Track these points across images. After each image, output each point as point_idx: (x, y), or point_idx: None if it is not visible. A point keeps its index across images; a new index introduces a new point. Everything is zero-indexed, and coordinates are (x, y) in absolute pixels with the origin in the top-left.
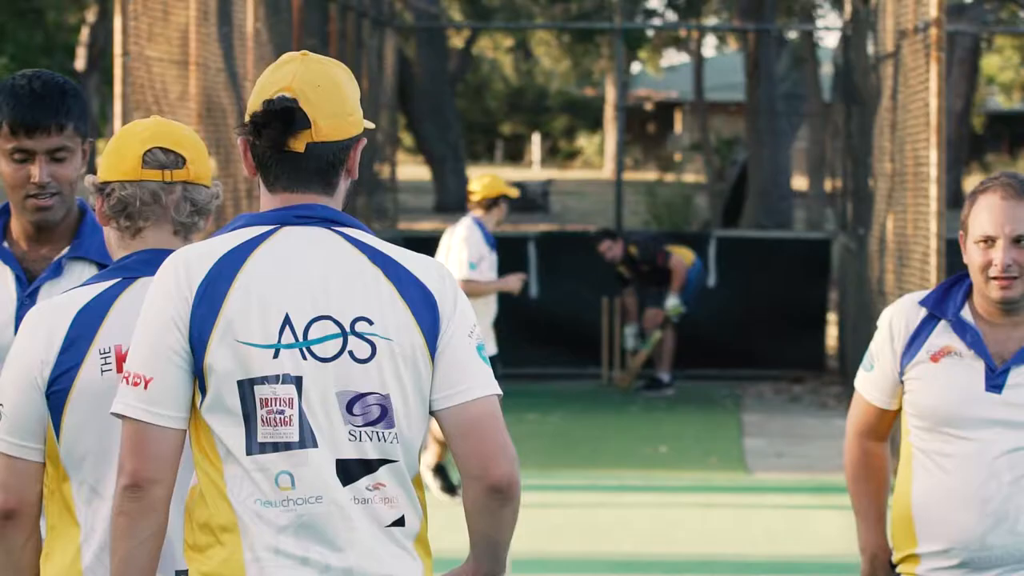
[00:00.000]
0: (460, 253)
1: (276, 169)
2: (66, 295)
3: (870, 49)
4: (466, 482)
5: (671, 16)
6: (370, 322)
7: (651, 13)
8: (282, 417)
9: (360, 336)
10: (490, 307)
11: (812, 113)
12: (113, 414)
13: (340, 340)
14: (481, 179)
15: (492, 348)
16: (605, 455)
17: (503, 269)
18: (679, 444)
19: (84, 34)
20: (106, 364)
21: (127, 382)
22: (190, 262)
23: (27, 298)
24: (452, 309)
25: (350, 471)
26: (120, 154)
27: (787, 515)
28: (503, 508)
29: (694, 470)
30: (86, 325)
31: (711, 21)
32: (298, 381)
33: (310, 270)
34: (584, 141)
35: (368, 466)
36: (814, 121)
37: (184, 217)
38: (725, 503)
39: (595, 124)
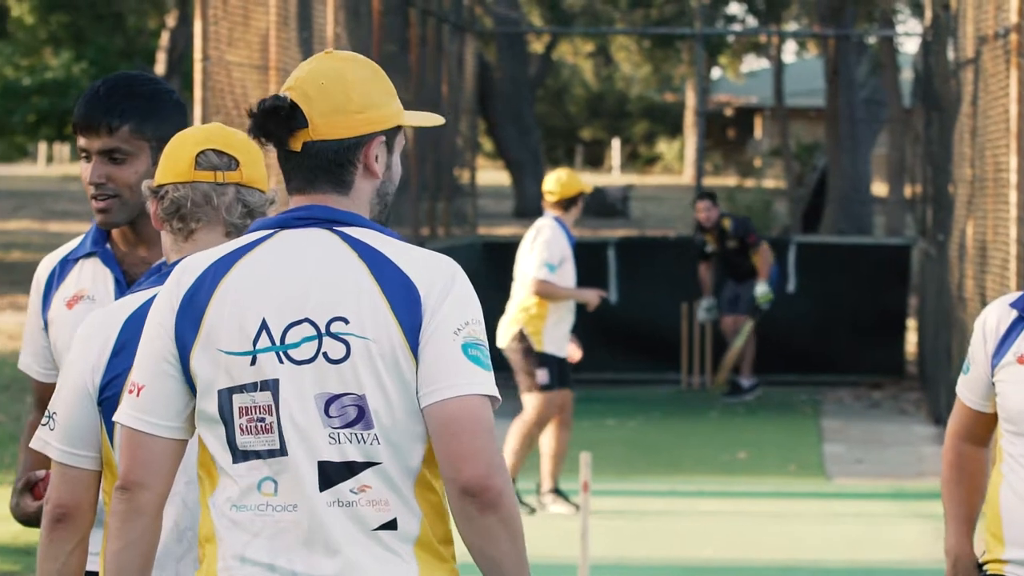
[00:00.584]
0: (540, 254)
1: (286, 170)
2: (119, 302)
3: (950, 55)
4: (446, 490)
5: (751, 22)
6: (346, 321)
7: (731, 19)
8: (263, 424)
9: (335, 336)
10: (569, 313)
11: (892, 119)
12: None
13: (316, 342)
14: (558, 178)
15: (576, 355)
16: (684, 461)
17: (582, 275)
18: (758, 450)
19: (164, 39)
20: None
21: (127, 389)
22: (185, 269)
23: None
24: (438, 304)
25: (331, 474)
26: (174, 157)
27: (866, 521)
28: (484, 516)
29: (773, 476)
30: (135, 330)
31: (791, 27)
32: (275, 386)
33: (295, 273)
34: (664, 146)
35: (351, 468)
36: (894, 127)
37: (236, 218)
38: (804, 509)
39: (675, 129)
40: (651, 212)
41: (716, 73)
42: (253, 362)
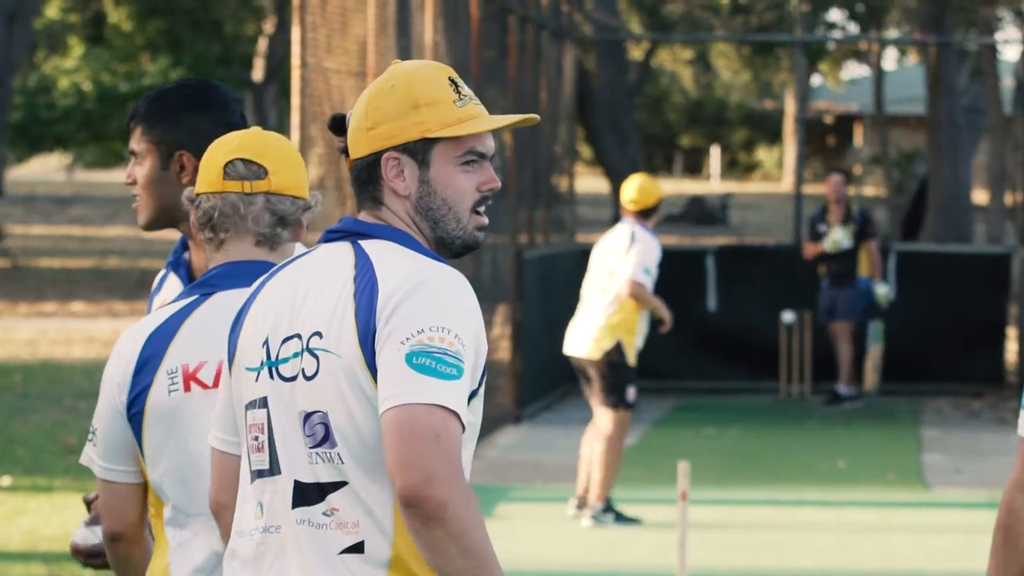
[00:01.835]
0: (639, 256)
1: None
2: (149, 315)
3: None
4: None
5: (852, 29)
6: (321, 336)
7: (832, 26)
8: (257, 443)
9: (311, 352)
10: (643, 323)
11: (992, 126)
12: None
13: (299, 358)
14: (639, 186)
15: (632, 361)
16: (783, 470)
17: (682, 283)
18: (857, 459)
19: (262, 45)
20: (173, 384)
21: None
22: (242, 296)
23: None
24: (393, 311)
25: (306, 495)
26: (206, 166)
27: (965, 531)
28: (429, 530)
29: (872, 485)
30: (157, 345)
31: (892, 34)
32: (266, 403)
33: (301, 289)
34: (763, 154)
35: (322, 490)
36: (994, 134)
37: (265, 228)
38: (902, 519)
39: (774, 137)
40: (750, 220)
41: (816, 80)
42: (257, 379)
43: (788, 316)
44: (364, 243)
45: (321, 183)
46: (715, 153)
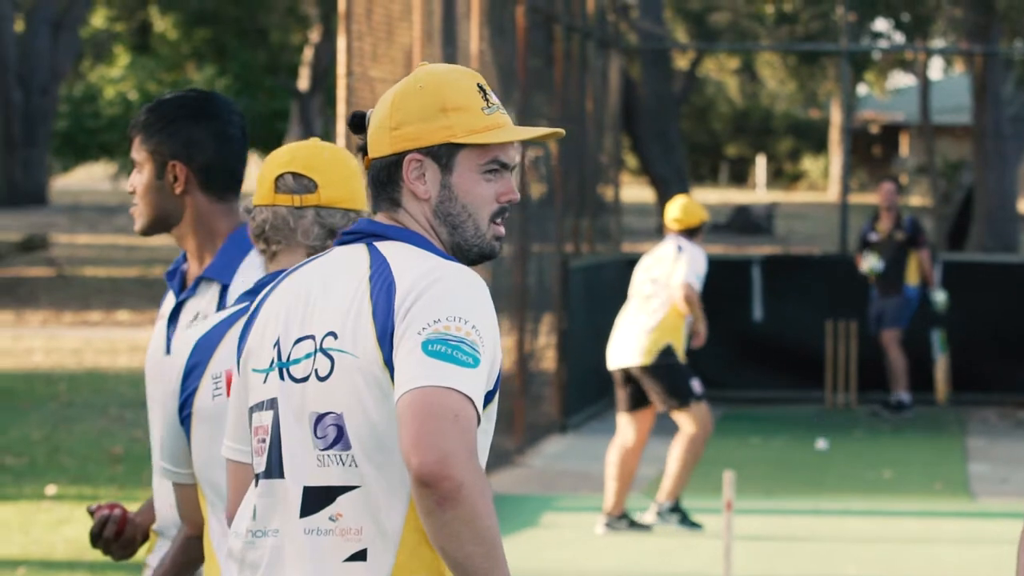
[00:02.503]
0: (691, 263)
1: None
2: (204, 322)
3: None
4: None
5: (898, 38)
6: (335, 336)
7: (877, 35)
8: (262, 446)
9: (325, 352)
10: (686, 331)
11: None
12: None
13: (312, 359)
14: (684, 207)
15: (683, 359)
16: (828, 479)
17: (727, 292)
18: (903, 469)
19: (308, 54)
20: (217, 389)
21: None
22: (251, 298)
23: (172, 317)
24: (411, 305)
25: (314, 500)
26: (261, 179)
27: (1011, 542)
28: (443, 511)
29: (918, 495)
30: (204, 351)
31: (938, 44)
32: (275, 405)
33: (316, 291)
34: (809, 163)
35: (330, 494)
36: None
37: (314, 241)
38: (948, 529)
39: (820, 146)
40: (796, 229)
41: (862, 90)
42: (265, 380)
43: (822, 444)
44: (379, 244)
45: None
46: (761, 162)
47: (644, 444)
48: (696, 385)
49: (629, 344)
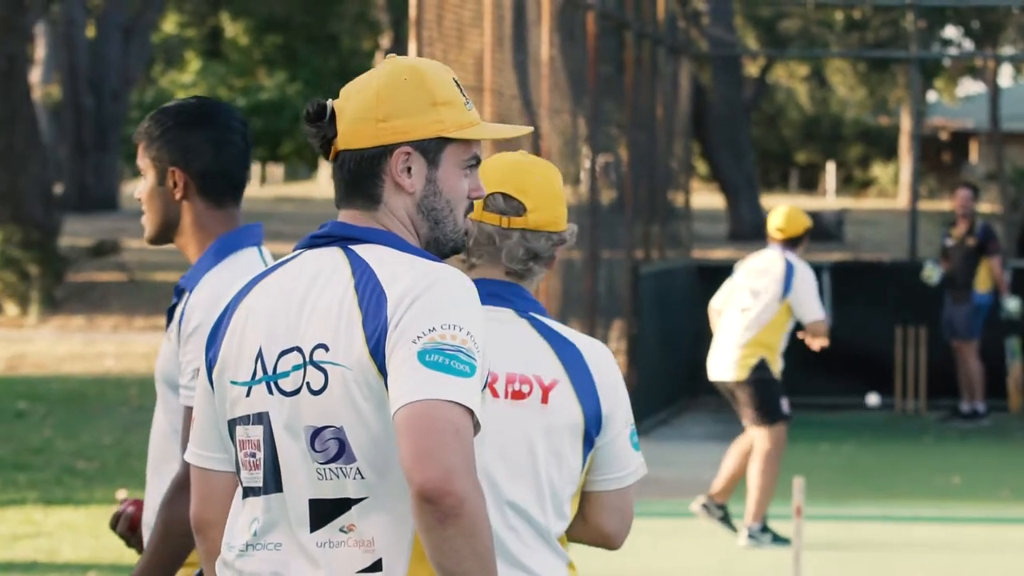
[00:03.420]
0: (807, 291)
1: (333, 183)
2: None
3: None
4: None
5: (967, 45)
6: (326, 348)
7: (947, 42)
8: (253, 460)
9: (316, 365)
10: (784, 343)
11: None
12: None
13: (302, 372)
14: (787, 215)
15: (777, 375)
16: (897, 486)
17: None
18: (972, 475)
19: (378, 60)
20: None
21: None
22: (213, 297)
23: (168, 323)
24: (404, 313)
25: (322, 513)
26: None
27: None
28: (444, 527)
29: (986, 502)
30: None
31: (1008, 50)
32: (267, 419)
33: (296, 299)
34: (879, 170)
35: (339, 506)
36: None
37: (516, 264)
38: (1016, 536)
39: (890, 153)
40: (866, 236)
41: (932, 97)
42: (248, 393)
43: (873, 399)
44: (357, 248)
45: None
46: (831, 169)
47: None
48: (784, 404)
49: (725, 357)
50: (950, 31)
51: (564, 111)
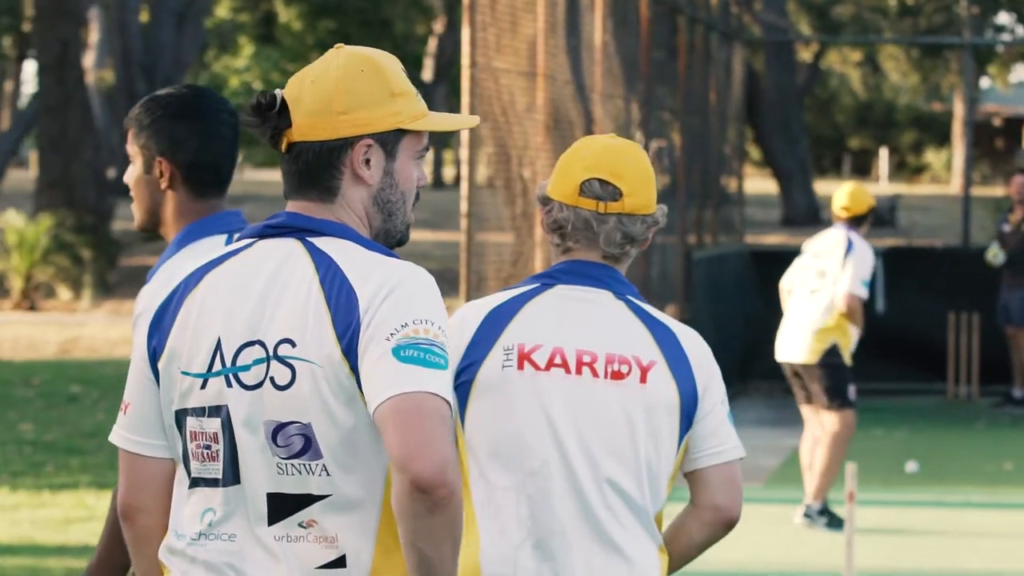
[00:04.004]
0: (856, 267)
1: (282, 172)
2: (491, 296)
3: None
4: (393, 478)
5: (1020, 31)
6: (292, 344)
7: (1000, 29)
8: (209, 452)
9: (282, 360)
10: (852, 332)
11: None
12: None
13: (265, 366)
14: (852, 193)
15: (848, 360)
16: (950, 471)
17: None
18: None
19: (432, 45)
20: (507, 360)
21: (121, 408)
22: (160, 285)
23: None
24: (376, 311)
25: (280, 507)
26: (564, 176)
27: None
28: (432, 516)
29: None
30: (496, 323)
31: None
32: (225, 412)
33: (254, 291)
34: (932, 156)
35: (299, 502)
36: None
37: (613, 248)
38: None
39: (943, 139)
40: (919, 222)
41: (985, 83)
42: (204, 386)
43: (911, 467)
44: (316, 241)
45: (491, 182)
46: (884, 155)
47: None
48: (852, 391)
49: (797, 340)
50: (1003, 17)
51: (617, 96)
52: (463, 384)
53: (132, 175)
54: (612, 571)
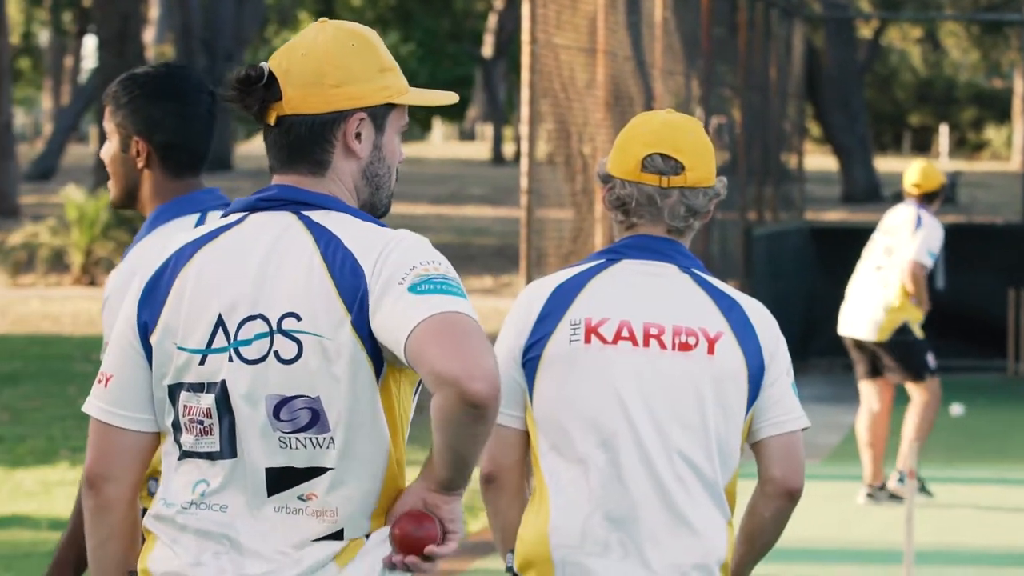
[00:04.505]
0: (924, 239)
1: (266, 146)
2: (556, 273)
3: None
4: (439, 391)
5: None
6: (298, 318)
7: None
8: (202, 427)
9: (286, 334)
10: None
11: None
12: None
13: (268, 340)
14: (923, 171)
15: (920, 333)
16: (1010, 448)
17: None
18: None
19: (492, 21)
20: (575, 334)
21: (97, 380)
22: (149, 258)
23: None
24: (381, 265)
25: (280, 480)
26: (624, 152)
27: None
28: (476, 425)
29: None
30: (562, 298)
31: None
32: (223, 387)
33: (253, 265)
34: (992, 133)
35: (301, 475)
36: None
37: (678, 221)
38: None
39: (1003, 116)
40: (979, 199)
41: None
42: (203, 362)
43: (957, 409)
44: (312, 215)
45: (551, 159)
46: (944, 132)
47: (890, 410)
48: (931, 359)
49: (865, 317)
50: None
51: (677, 73)
52: (531, 360)
53: (108, 152)
54: (680, 543)
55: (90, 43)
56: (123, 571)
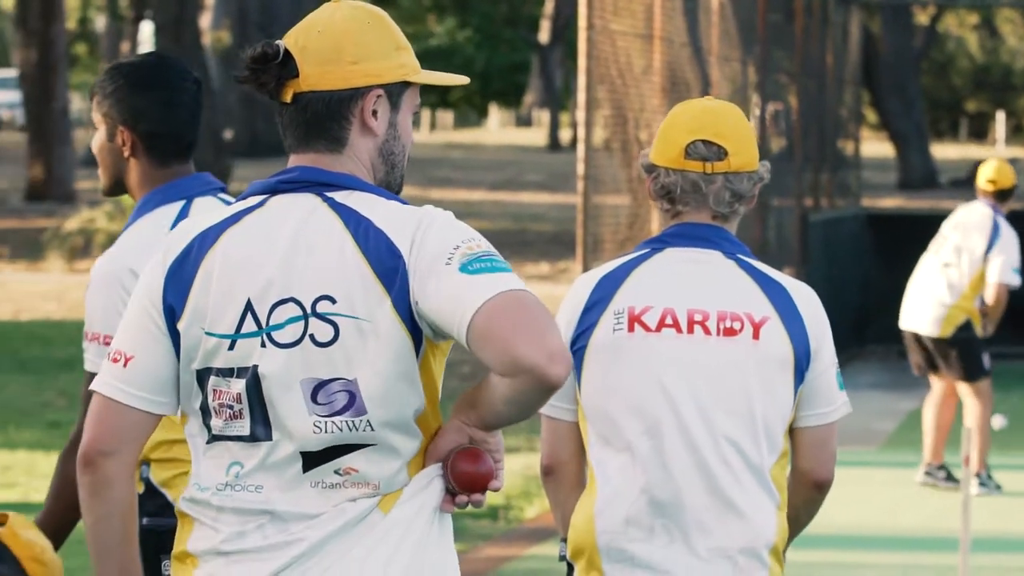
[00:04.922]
0: (1007, 254)
1: (281, 125)
2: (606, 264)
3: None
4: (516, 376)
5: None
6: (332, 300)
7: None
8: (232, 411)
9: (321, 317)
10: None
11: None
12: (90, 390)
13: (302, 323)
14: (998, 168)
15: (980, 332)
16: None
17: None
18: None
19: (548, 7)
20: (618, 324)
21: (109, 358)
22: (172, 239)
23: None
24: (420, 251)
25: (315, 459)
26: (667, 141)
27: None
28: (542, 398)
29: None
30: (607, 288)
31: None
32: (255, 371)
33: (281, 248)
34: None
35: (338, 452)
36: None
37: (723, 207)
38: None
39: None
40: None
41: None
42: (232, 347)
43: (998, 421)
44: (337, 196)
45: (607, 145)
46: (1001, 118)
47: (957, 396)
48: (987, 360)
49: (927, 312)
50: None
51: (734, 59)
52: (578, 350)
53: (96, 142)
54: (727, 528)
55: (147, 29)
56: (124, 546)
